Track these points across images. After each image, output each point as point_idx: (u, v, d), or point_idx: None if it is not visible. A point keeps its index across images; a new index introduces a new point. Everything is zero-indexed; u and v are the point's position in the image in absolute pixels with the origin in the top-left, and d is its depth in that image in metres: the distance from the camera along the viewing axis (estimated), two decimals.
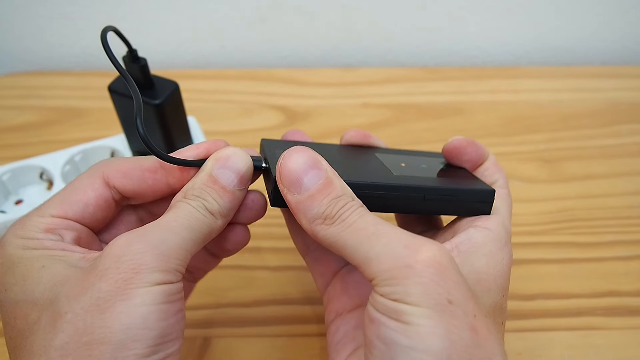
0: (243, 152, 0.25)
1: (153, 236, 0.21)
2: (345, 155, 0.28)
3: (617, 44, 0.57)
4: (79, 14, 0.53)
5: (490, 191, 0.26)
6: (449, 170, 0.28)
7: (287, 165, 0.22)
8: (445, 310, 0.19)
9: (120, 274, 0.20)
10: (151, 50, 0.56)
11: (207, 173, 0.24)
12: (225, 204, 0.24)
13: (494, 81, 0.53)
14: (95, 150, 0.39)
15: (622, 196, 0.42)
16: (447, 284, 0.20)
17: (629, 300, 0.36)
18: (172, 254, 0.21)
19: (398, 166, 0.27)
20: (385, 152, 0.30)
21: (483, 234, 0.24)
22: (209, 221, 0.23)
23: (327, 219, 0.22)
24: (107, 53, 0.25)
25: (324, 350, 0.33)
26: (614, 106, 0.50)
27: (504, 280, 0.24)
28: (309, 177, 0.22)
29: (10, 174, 0.37)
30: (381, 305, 0.20)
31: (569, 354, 0.33)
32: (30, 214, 0.24)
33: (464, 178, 0.27)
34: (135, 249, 0.20)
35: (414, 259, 0.20)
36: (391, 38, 0.56)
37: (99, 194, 0.24)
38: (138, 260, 0.20)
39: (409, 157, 0.29)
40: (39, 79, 0.54)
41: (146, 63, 0.32)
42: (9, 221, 0.35)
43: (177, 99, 0.35)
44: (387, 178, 0.25)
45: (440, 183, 0.26)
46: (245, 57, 0.57)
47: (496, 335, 0.21)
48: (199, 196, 0.23)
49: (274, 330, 0.34)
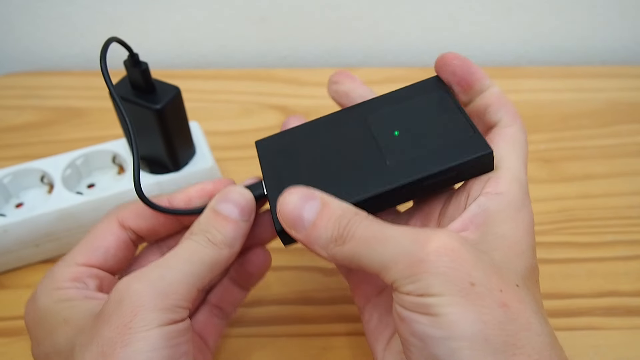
0: (242, 187, 0.26)
1: (150, 275, 0.22)
2: (334, 141, 0.27)
3: (617, 44, 0.57)
4: (78, 14, 0.53)
5: (487, 154, 0.24)
6: (438, 119, 0.26)
7: (284, 210, 0.23)
8: (470, 293, 0.19)
9: (120, 318, 0.20)
10: (151, 50, 0.56)
11: (210, 209, 0.25)
12: (228, 233, 0.24)
13: (494, 81, 0.53)
14: (96, 154, 0.39)
15: (622, 196, 0.42)
16: (465, 267, 0.19)
17: (629, 300, 0.36)
18: (170, 289, 0.21)
19: (390, 140, 0.26)
20: (373, 112, 0.28)
21: (496, 202, 0.23)
22: (211, 252, 0.23)
23: (337, 241, 0.22)
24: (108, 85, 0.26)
25: (324, 350, 0.33)
26: (614, 106, 0.50)
27: (531, 237, 0.23)
28: (307, 211, 0.23)
29: (11, 177, 0.37)
30: (408, 303, 0.20)
31: (569, 354, 0.33)
32: (59, 264, 0.25)
33: (456, 132, 0.25)
34: (132, 290, 0.21)
35: (426, 252, 0.20)
36: (391, 38, 0.56)
37: (117, 237, 0.26)
38: (136, 302, 0.21)
39: (396, 112, 0.27)
40: (38, 79, 0.54)
41: (147, 67, 0.32)
42: (8, 224, 0.34)
43: (178, 104, 0.34)
44: (380, 180, 0.25)
45: (435, 161, 0.24)
46: (245, 57, 0.57)
47: (529, 304, 0.20)
48: (202, 230, 0.24)
49: (274, 330, 0.34)
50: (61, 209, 0.35)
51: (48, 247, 0.37)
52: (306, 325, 0.34)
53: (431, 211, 0.26)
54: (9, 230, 0.35)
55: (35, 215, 0.35)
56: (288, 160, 0.28)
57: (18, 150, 0.46)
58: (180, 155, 0.37)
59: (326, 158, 0.27)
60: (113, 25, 0.54)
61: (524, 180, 0.24)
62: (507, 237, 0.22)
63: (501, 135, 0.25)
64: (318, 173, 0.26)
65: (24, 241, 0.35)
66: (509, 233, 0.22)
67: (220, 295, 0.30)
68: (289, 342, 0.33)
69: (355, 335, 0.34)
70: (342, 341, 0.33)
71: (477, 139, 0.25)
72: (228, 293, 0.30)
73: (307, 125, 0.29)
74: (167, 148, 0.35)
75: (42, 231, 0.35)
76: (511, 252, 0.22)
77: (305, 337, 0.34)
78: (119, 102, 0.26)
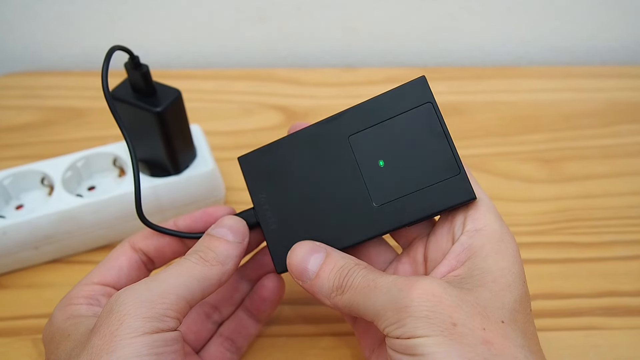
0: (236, 217, 0.28)
1: (139, 286, 0.23)
2: (318, 164, 0.27)
3: (617, 44, 0.57)
4: (78, 13, 0.53)
5: (471, 199, 0.25)
6: (424, 147, 0.26)
7: (292, 262, 0.26)
8: (453, 333, 0.20)
9: (109, 327, 0.21)
10: (151, 50, 0.56)
11: (205, 234, 0.27)
12: (221, 251, 0.25)
13: (494, 81, 0.53)
14: (97, 156, 0.39)
15: (622, 196, 0.42)
16: (446, 310, 0.21)
17: (629, 300, 0.36)
18: (157, 299, 0.22)
19: (375, 173, 0.27)
20: (356, 129, 0.27)
21: (477, 238, 0.24)
22: (201, 267, 0.24)
23: (338, 290, 0.24)
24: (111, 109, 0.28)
25: (324, 351, 0.33)
26: (614, 106, 0.50)
27: (517, 266, 0.24)
28: (311, 263, 0.25)
29: (11, 179, 0.37)
30: (398, 346, 0.21)
31: (569, 354, 0.33)
32: (78, 283, 0.27)
33: (442, 169, 0.26)
34: (120, 300, 0.22)
35: (410, 298, 0.21)
36: (391, 38, 0.56)
37: (129, 257, 0.28)
38: (123, 311, 0.21)
39: (380, 134, 0.27)
40: (38, 79, 0.54)
41: (148, 70, 0.32)
42: (7, 226, 0.34)
43: (179, 107, 0.34)
44: (367, 226, 0.26)
45: (421, 206, 0.26)
46: (245, 57, 0.57)
47: (514, 339, 0.21)
48: (195, 250, 0.26)
49: (274, 330, 0.34)
50: (61, 212, 0.35)
51: (48, 250, 0.37)
52: (306, 325, 0.34)
53: (417, 255, 0.28)
54: (8, 232, 0.34)
55: (35, 218, 0.35)
56: (274, 184, 0.28)
57: (18, 150, 0.46)
58: (181, 158, 0.37)
59: (312, 188, 0.27)
60: (113, 26, 0.54)
61: (495, 209, 0.26)
62: (492, 271, 0.23)
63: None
64: (306, 206, 0.27)
65: (23, 243, 0.35)
66: (493, 267, 0.23)
67: (233, 327, 0.31)
68: (289, 342, 0.33)
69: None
70: (342, 341, 0.33)
71: (463, 180, 0.25)
72: (241, 325, 0.30)
73: (289, 140, 0.28)
74: (167, 151, 0.35)
75: (41, 233, 0.35)
76: (497, 286, 0.23)
77: (305, 337, 0.34)
78: (119, 121, 0.28)
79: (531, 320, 0.24)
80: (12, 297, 0.36)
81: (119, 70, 0.32)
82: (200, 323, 0.30)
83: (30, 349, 0.34)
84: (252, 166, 0.29)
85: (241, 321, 0.30)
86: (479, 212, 0.25)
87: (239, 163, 0.29)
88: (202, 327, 0.30)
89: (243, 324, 0.30)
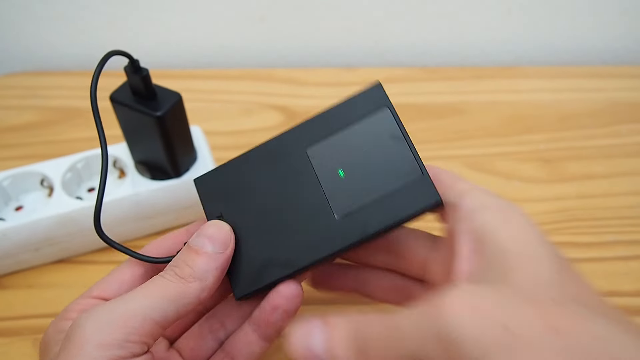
0: (220, 222, 0.26)
1: (101, 309, 0.21)
2: (277, 181, 0.26)
3: (617, 44, 0.57)
4: (79, 14, 0.53)
5: (436, 202, 0.23)
6: (383, 153, 0.25)
7: (295, 351, 0.22)
8: (508, 338, 0.16)
9: (67, 354, 0.20)
10: (151, 50, 0.56)
11: (186, 245, 0.25)
12: (199, 265, 0.23)
13: (494, 81, 0.53)
14: (97, 157, 0.39)
15: (622, 196, 0.42)
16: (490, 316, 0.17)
17: (629, 300, 0.36)
18: (119, 322, 0.20)
19: (335, 184, 0.25)
20: (313, 141, 0.26)
21: (477, 217, 0.21)
22: (175, 286, 0.23)
23: (360, 355, 0.20)
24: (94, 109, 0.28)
25: None
26: (614, 106, 0.50)
27: (533, 232, 0.20)
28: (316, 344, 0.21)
29: (11, 180, 0.37)
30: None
31: None
32: (78, 297, 0.26)
33: (404, 172, 0.24)
34: (79, 325, 0.20)
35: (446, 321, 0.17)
36: (391, 38, 0.56)
37: (133, 271, 0.27)
38: (80, 337, 0.20)
39: (338, 144, 0.26)
40: (39, 79, 0.54)
41: (148, 74, 0.32)
42: (7, 228, 0.34)
43: (179, 111, 0.34)
44: (330, 241, 0.24)
45: (384, 214, 0.24)
46: (245, 57, 0.57)
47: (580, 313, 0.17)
48: (172, 265, 0.24)
49: None
50: (60, 214, 0.35)
51: (47, 252, 0.37)
52: None
53: (434, 276, 0.25)
54: (8, 235, 0.34)
55: (35, 220, 0.35)
56: (231, 203, 0.27)
57: (18, 150, 0.46)
58: (181, 161, 0.36)
59: (271, 205, 0.26)
60: (113, 26, 0.54)
61: (489, 191, 0.23)
62: (510, 248, 0.20)
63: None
64: (265, 224, 0.26)
65: (23, 245, 0.35)
66: (509, 242, 0.20)
67: (236, 344, 0.27)
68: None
69: None
70: None
71: (426, 182, 0.24)
72: (245, 342, 0.26)
73: (245, 157, 0.27)
74: (167, 155, 0.35)
75: (41, 235, 0.35)
76: (524, 263, 0.19)
77: None
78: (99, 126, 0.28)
79: (583, 283, 0.20)
80: (12, 297, 0.36)
81: (119, 72, 0.32)
82: (201, 339, 0.28)
83: (30, 349, 0.34)
84: (208, 187, 0.28)
85: (246, 337, 0.26)
86: (471, 196, 0.22)
87: (195, 185, 0.28)
88: (203, 343, 0.28)
89: (248, 340, 0.26)
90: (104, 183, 0.27)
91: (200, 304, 0.23)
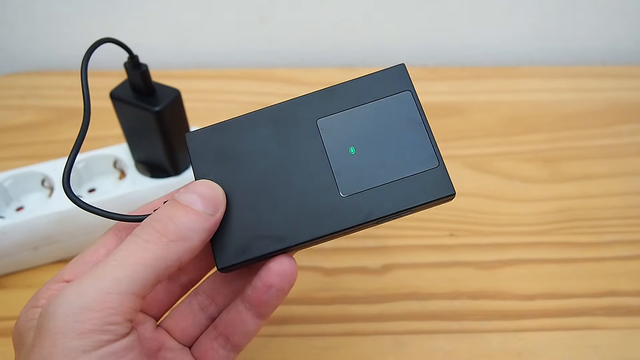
0: (212, 183, 0.23)
1: (69, 292, 0.18)
2: (280, 147, 0.24)
3: (617, 44, 0.57)
4: (79, 14, 0.53)
5: (450, 194, 0.23)
6: (399, 135, 0.24)
7: None
8: None
9: (41, 351, 0.18)
10: (151, 50, 0.56)
11: (170, 199, 0.22)
12: (185, 223, 0.20)
13: (494, 81, 0.53)
14: (97, 158, 0.39)
15: (622, 196, 0.42)
16: None
17: (629, 300, 0.36)
18: (94, 305, 0.18)
19: (344, 160, 0.24)
20: (326, 112, 0.25)
21: None
22: (154, 247, 0.20)
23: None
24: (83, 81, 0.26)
25: (324, 350, 0.33)
26: (614, 106, 0.50)
27: None
28: None
29: (12, 180, 0.37)
30: None
31: (569, 354, 0.33)
32: (47, 281, 0.23)
33: (419, 160, 0.23)
34: (50, 314, 0.18)
35: None
36: (391, 38, 0.56)
37: (110, 248, 0.23)
38: (53, 329, 0.18)
39: (352, 119, 0.24)
40: (39, 79, 0.54)
41: (147, 69, 0.32)
42: (6, 226, 0.34)
43: (178, 107, 0.34)
44: (333, 218, 0.23)
45: (393, 199, 0.23)
46: (245, 57, 0.57)
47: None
48: (152, 219, 0.21)
49: (274, 330, 0.34)
50: (60, 212, 0.35)
51: (47, 251, 0.37)
52: (306, 325, 0.34)
53: None
54: (7, 233, 0.34)
55: (34, 218, 0.35)
56: (225, 166, 0.24)
57: (19, 150, 0.46)
58: (181, 159, 0.37)
59: (270, 173, 0.24)
60: (113, 25, 0.54)
61: None
62: None
63: None
64: (261, 193, 0.24)
65: (22, 244, 0.35)
66: None
67: (229, 321, 0.25)
68: (289, 342, 0.33)
69: (355, 335, 0.34)
70: (342, 341, 0.33)
71: (441, 174, 0.23)
72: (238, 319, 0.24)
73: (248, 118, 0.25)
74: (166, 152, 0.35)
75: (40, 234, 0.35)
76: None
77: (305, 337, 0.34)
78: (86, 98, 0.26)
79: None
80: (12, 297, 0.36)
81: (119, 71, 0.32)
82: (192, 317, 0.26)
83: None
84: (201, 144, 0.24)
85: (239, 314, 0.24)
86: None
87: (186, 140, 0.25)
88: (194, 321, 0.25)
89: (241, 318, 0.24)
90: (82, 138, 0.25)
91: (180, 269, 0.21)
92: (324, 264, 0.37)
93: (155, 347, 0.25)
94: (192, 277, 0.26)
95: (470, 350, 0.33)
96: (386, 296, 0.35)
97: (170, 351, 0.25)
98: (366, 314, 0.35)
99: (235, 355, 0.25)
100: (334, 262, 0.37)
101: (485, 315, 0.35)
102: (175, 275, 0.26)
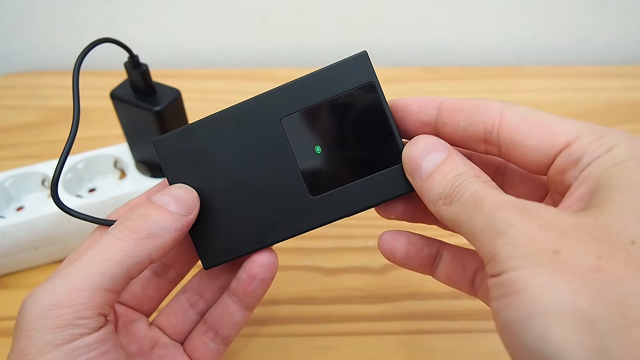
0: (187, 187, 0.24)
1: (42, 289, 0.20)
2: (247, 148, 0.24)
3: (617, 44, 0.57)
4: (79, 13, 0.53)
5: (408, 192, 0.23)
6: (363, 129, 0.24)
7: (406, 156, 0.22)
8: (554, 262, 0.16)
9: (18, 345, 0.19)
10: (151, 50, 0.56)
11: (146, 201, 0.23)
12: (156, 221, 0.21)
13: (494, 81, 0.53)
14: (98, 158, 0.39)
15: None
16: (550, 237, 0.16)
17: None
18: (64, 301, 0.19)
19: (312, 159, 0.24)
20: (289, 109, 0.24)
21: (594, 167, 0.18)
22: (124, 244, 0.20)
23: (446, 199, 0.20)
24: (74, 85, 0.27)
25: (324, 350, 0.33)
26: (614, 106, 0.50)
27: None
28: (427, 161, 0.21)
29: (12, 180, 0.37)
30: (491, 289, 0.17)
31: None
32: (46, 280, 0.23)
33: (383, 155, 0.24)
34: (24, 311, 0.19)
35: (510, 223, 0.17)
36: (391, 38, 0.56)
37: None
38: (28, 325, 0.19)
39: (316, 115, 0.24)
40: (39, 79, 0.54)
41: (147, 69, 0.32)
42: (6, 226, 0.34)
43: (178, 106, 0.34)
44: (304, 219, 0.24)
45: (360, 199, 0.24)
46: (245, 57, 0.57)
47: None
48: (124, 218, 0.22)
49: (274, 330, 0.34)
50: (60, 212, 0.34)
51: (47, 251, 0.37)
52: (306, 325, 0.34)
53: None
54: (7, 232, 0.34)
55: (34, 218, 0.35)
56: (196, 170, 0.25)
57: (19, 150, 0.46)
58: None
59: (238, 175, 0.24)
60: (113, 25, 0.54)
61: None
62: (622, 184, 0.17)
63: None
64: (232, 196, 0.24)
65: (22, 244, 0.35)
66: (623, 180, 0.17)
67: (217, 315, 0.26)
68: (289, 342, 0.33)
69: (355, 335, 0.34)
70: (342, 341, 0.33)
71: (401, 170, 0.23)
72: (226, 313, 0.26)
73: (212, 120, 0.25)
74: None
75: (40, 234, 0.35)
76: (627, 198, 0.17)
77: (305, 337, 0.34)
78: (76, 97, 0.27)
79: None
80: (12, 297, 0.36)
81: (119, 71, 0.32)
82: (182, 313, 0.27)
83: None
84: (170, 149, 0.25)
85: (226, 308, 0.26)
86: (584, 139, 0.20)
87: (154, 146, 0.25)
88: (184, 317, 0.27)
89: (228, 310, 0.26)
90: (73, 137, 0.26)
91: (167, 265, 0.22)
92: (324, 264, 0.37)
93: (149, 345, 0.26)
94: (179, 272, 0.27)
95: (470, 350, 0.33)
96: (387, 296, 0.35)
97: (164, 348, 0.26)
98: (367, 314, 0.35)
99: (224, 348, 0.27)
100: (334, 262, 0.37)
101: (486, 315, 0.35)
102: (163, 270, 0.27)
